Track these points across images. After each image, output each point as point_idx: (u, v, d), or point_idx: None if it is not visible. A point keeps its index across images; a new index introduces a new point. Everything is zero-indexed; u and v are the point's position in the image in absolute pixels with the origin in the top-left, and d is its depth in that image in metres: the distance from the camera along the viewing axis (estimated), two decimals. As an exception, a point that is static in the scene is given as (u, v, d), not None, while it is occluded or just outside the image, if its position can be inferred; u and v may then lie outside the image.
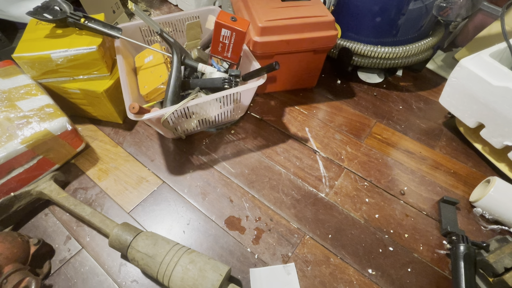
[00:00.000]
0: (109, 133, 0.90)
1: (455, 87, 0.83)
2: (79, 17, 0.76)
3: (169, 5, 1.41)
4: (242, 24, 0.74)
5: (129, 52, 0.89)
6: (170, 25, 0.94)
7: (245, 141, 0.89)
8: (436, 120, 0.99)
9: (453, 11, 0.88)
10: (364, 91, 1.07)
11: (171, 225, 0.72)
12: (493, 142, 0.80)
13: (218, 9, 0.93)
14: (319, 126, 0.95)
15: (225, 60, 0.81)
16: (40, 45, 0.75)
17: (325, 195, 0.79)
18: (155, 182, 0.79)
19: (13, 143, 0.66)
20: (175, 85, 0.74)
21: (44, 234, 0.69)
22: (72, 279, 0.63)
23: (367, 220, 0.75)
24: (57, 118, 0.72)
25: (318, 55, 0.93)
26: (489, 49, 0.80)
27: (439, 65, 1.18)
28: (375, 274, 0.66)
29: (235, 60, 0.81)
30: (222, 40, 0.76)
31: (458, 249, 0.64)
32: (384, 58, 0.99)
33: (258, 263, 0.67)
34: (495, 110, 0.75)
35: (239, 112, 0.90)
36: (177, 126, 0.79)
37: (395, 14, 0.91)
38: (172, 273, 0.57)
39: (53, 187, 0.71)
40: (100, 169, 0.81)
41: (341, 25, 0.99)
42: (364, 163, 0.86)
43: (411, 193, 0.81)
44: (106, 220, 0.66)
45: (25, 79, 0.78)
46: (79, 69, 0.78)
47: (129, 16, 1.30)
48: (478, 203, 0.75)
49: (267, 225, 0.73)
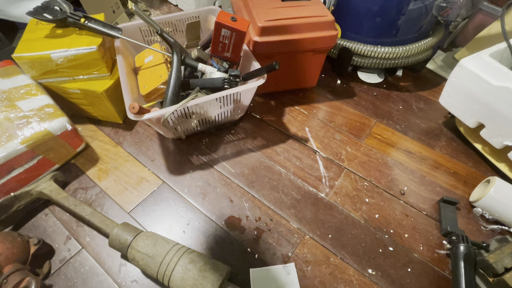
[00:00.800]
0: (109, 133, 0.90)
1: (455, 87, 0.83)
2: (79, 17, 0.76)
3: (169, 5, 1.41)
4: (242, 24, 0.74)
5: (129, 52, 0.89)
6: (170, 25, 0.94)
7: (245, 141, 0.89)
8: (436, 120, 0.99)
9: (453, 11, 0.88)
10: (364, 91, 1.07)
11: (171, 225, 0.72)
12: (493, 142, 0.80)
13: (218, 9, 0.93)
14: (319, 126, 0.95)
15: (225, 60, 0.80)
16: (40, 45, 0.75)
17: (325, 195, 0.79)
18: (155, 182, 0.79)
19: (13, 143, 0.66)
20: (175, 85, 0.74)
21: (44, 234, 0.69)
22: (72, 279, 0.63)
23: (367, 220, 0.75)
24: (57, 118, 0.72)
25: (318, 55, 0.93)
26: (489, 49, 0.80)
27: (439, 65, 1.18)
28: (375, 274, 0.66)
29: (235, 60, 0.81)
30: (222, 40, 0.76)
31: (458, 249, 0.64)
32: (384, 58, 0.99)
33: (258, 263, 0.67)
34: (495, 110, 0.75)
35: (239, 112, 0.90)
36: (177, 126, 0.79)
37: (395, 14, 0.91)
38: (172, 273, 0.57)
39: (53, 187, 0.71)
40: (100, 169, 0.81)
41: (341, 25, 0.99)
42: (364, 163, 0.86)
43: (411, 193, 0.81)
44: (106, 220, 0.66)
45: (25, 79, 0.78)
46: (79, 69, 0.78)
47: (129, 16, 1.30)
48: (478, 203, 0.75)
49: (267, 225, 0.73)
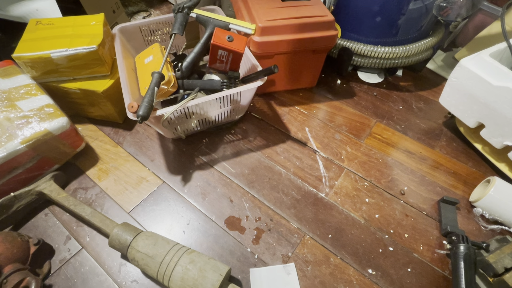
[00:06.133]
0: (109, 133, 0.90)
1: (455, 87, 0.83)
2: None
3: (169, 5, 1.41)
4: (239, 44, 0.75)
5: (129, 52, 0.89)
6: (170, 25, 0.94)
7: (245, 141, 0.89)
8: (436, 120, 0.99)
9: (453, 11, 0.88)
10: (364, 91, 1.07)
11: (171, 225, 0.72)
12: (493, 142, 0.80)
13: (218, 9, 0.93)
14: (319, 126, 0.95)
15: (224, 74, 0.82)
16: (40, 45, 0.75)
17: (325, 195, 0.79)
18: (155, 182, 0.79)
19: (13, 143, 0.66)
20: (196, 54, 0.80)
21: (44, 234, 0.69)
22: (72, 279, 0.63)
23: (367, 220, 0.75)
24: (57, 118, 0.72)
25: (318, 55, 0.93)
26: (489, 49, 0.80)
27: (439, 65, 1.18)
28: (375, 274, 0.66)
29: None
30: (219, 58, 0.77)
31: (458, 249, 0.64)
32: (384, 58, 0.99)
33: (258, 263, 0.67)
34: (495, 110, 0.75)
35: (239, 112, 0.90)
36: (177, 126, 0.79)
37: (395, 14, 0.91)
38: (172, 273, 0.57)
39: (53, 187, 0.71)
40: (100, 169, 0.81)
41: (341, 25, 0.99)
42: (364, 163, 0.86)
43: (411, 193, 0.81)
44: (106, 220, 0.66)
45: (25, 79, 0.77)
46: (79, 69, 0.78)
47: (129, 16, 1.30)
48: (478, 203, 0.75)
49: (267, 225, 0.73)
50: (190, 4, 0.79)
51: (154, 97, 0.64)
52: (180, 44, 1.00)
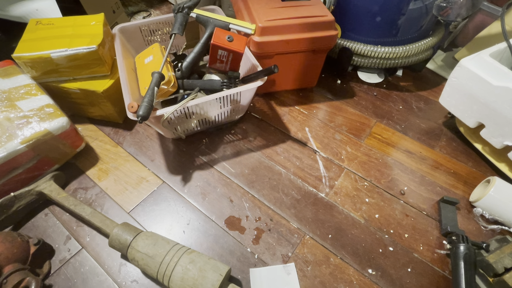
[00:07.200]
0: (109, 133, 0.90)
1: (455, 87, 0.83)
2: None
3: (169, 5, 1.41)
4: (239, 45, 0.75)
5: (129, 52, 0.89)
6: (170, 25, 0.94)
7: (245, 141, 0.89)
8: (436, 120, 0.99)
9: (453, 11, 0.88)
10: (364, 91, 1.07)
11: (171, 225, 0.72)
12: (493, 142, 0.80)
13: (218, 9, 0.93)
14: (319, 126, 0.95)
15: (224, 73, 0.81)
16: (40, 45, 0.75)
17: (325, 195, 0.79)
18: (155, 182, 0.79)
19: (13, 143, 0.66)
20: (196, 53, 0.80)
21: (44, 234, 0.69)
22: (72, 279, 0.63)
23: (367, 220, 0.75)
24: (57, 118, 0.72)
25: (318, 55, 0.93)
26: (489, 49, 0.80)
27: (439, 65, 1.18)
28: (375, 274, 0.66)
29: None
30: (219, 58, 0.77)
31: (458, 249, 0.64)
32: (384, 58, 0.99)
33: (258, 263, 0.67)
34: (495, 110, 0.75)
35: (239, 112, 0.90)
36: (177, 126, 0.79)
37: (395, 14, 0.91)
38: (172, 273, 0.57)
39: (53, 187, 0.71)
40: (100, 169, 0.81)
41: (341, 25, 0.99)
42: (364, 163, 0.86)
43: (411, 193, 0.81)
44: (106, 220, 0.66)
45: (25, 79, 0.77)
46: (79, 69, 0.78)
47: (129, 16, 1.30)
48: (478, 203, 0.75)
49: (267, 225, 0.73)
50: (190, 4, 0.79)
51: (154, 97, 0.64)
52: (180, 44, 1.00)
